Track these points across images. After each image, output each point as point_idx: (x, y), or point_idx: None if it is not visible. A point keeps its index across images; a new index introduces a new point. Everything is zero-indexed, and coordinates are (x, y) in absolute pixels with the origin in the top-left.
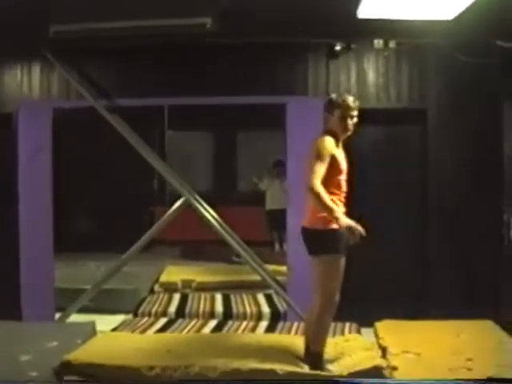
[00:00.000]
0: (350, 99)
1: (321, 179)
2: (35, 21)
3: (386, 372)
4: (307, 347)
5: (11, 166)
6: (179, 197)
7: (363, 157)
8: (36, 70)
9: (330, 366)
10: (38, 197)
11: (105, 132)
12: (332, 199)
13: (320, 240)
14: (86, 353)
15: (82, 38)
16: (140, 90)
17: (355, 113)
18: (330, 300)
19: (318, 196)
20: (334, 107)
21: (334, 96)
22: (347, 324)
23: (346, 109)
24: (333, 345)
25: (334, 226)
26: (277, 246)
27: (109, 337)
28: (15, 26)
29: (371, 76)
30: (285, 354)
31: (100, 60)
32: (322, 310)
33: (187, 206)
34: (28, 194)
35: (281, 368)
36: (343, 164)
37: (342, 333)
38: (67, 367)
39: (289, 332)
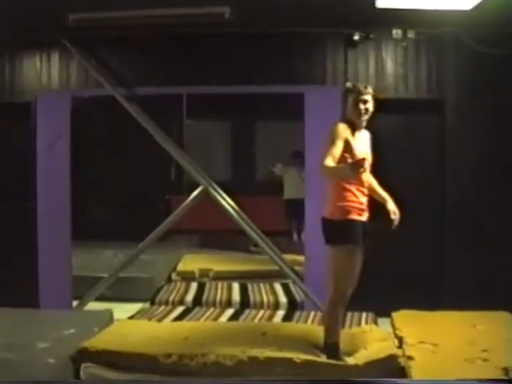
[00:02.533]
0: (361, 84)
1: (334, 160)
2: (54, 9)
3: (402, 362)
4: (325, 338)
5: (30, 154)
6: (197, 186)
7: (380, 147)
8: (55, 58)
9: (346, 358)
10: (56, 185)
11: (124, 120)
12: (346, 188)
13: (337, 230)
14: (102, 340)
15: (101, 26)
16: (158, 79)
17: (367, 97)
18: (343, 294)
19: (327, 170)
20: (347, 94)
21: (347, 84)
22: (364, 314)
23: (356, 93)
24: (349, 336)
25: (352, 216)
26: (295, 236)
27: (126, 325)
28: (34, 14)
29: (390, 66)
30: (302, 343)
31: (119, 48)
32: (332, 303)
33: (205, 195)
34: (46, 183)
35: (298, 357)
36: (358, 152)
37: (359, 323)
38: (84, 354)
39: (306, 321)
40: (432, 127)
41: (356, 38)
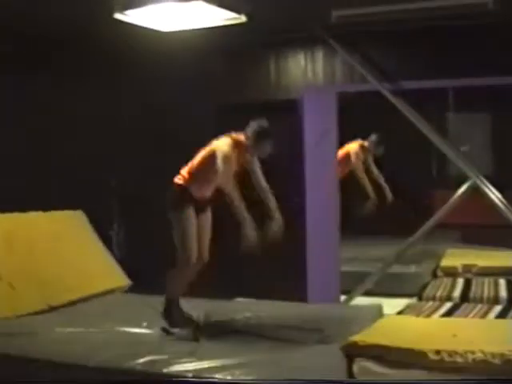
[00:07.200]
0: None
1: None
2: (316, 7)
3: None
4: None
5: (297, 151)
6: (460, 180)
7: None
8: (319, 55)
9: None
10: (324, 180)
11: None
12: None
13: None
14: (372, 334)
15: (364, 22)
16: (421, 73)
17: None
18: None
19: None
20: None
21: None
22: None
23: None
24: None
25: None
26: None
27: (394, 320)
28: (297, 13)
29: None
30: None
31: (381, 43)
32: None
33: (473, 189)
34: (315, 178)
35: None
36: None
37: None
38: (354, 348)
39: None
40: None
41: None
